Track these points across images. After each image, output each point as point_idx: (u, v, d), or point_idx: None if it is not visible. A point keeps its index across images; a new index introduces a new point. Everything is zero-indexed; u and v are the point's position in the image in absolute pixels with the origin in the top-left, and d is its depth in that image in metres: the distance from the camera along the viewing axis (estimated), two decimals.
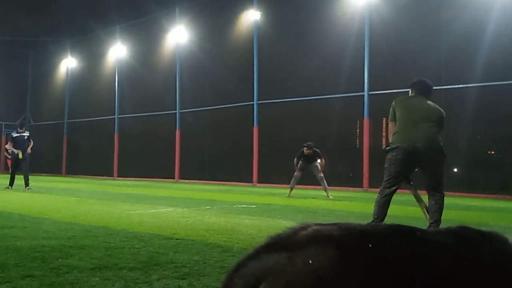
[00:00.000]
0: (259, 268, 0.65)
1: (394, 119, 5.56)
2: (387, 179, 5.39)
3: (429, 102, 5.59)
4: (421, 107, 5.50)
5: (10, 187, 12.24)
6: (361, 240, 0.66)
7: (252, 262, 0.67)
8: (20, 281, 2.83)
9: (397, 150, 5.27)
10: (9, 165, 17.01)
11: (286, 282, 0.61)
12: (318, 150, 11.50)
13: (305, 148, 11.43)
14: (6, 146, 13.98)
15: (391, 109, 5.67)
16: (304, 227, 0.70)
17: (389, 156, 5.36)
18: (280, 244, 0.68)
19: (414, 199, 5.83)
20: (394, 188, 5.40)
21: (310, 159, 11.38)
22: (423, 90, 5.71)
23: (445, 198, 5.49)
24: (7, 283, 2.78)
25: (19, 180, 12.31)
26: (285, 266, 0.63)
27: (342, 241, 0.64)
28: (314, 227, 0.69)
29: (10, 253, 3.64)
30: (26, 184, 12.13)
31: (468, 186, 14.04)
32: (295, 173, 11.59)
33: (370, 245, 0.65)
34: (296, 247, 0.65)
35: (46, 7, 22.63)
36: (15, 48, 28.99)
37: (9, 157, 14.30)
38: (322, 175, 11.32)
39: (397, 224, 0.73)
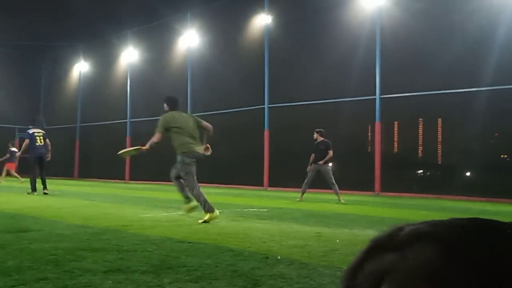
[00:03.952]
0: (377, 268, 0.73)
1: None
2: (195, 178, 6.74)
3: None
4: None
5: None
6: (454, 233, 0.75)
7: (368, 264, 0.75)
8: (34, 283, 2.86)
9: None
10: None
11: (405, 277, 0.70)
12: (329, 141, 11.45)
13: (315, 133, 11.43)
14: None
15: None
16: (400, 228, 0.78)
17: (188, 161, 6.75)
18: (386, 245, 0.75)
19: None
20: None
21: (321, 151, 11.30)
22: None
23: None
24: (22, 286, 2.81)
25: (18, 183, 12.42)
26: (401, 263, 0.71)
27: (439, 235, 0.74)
28: (410, 227, 0.77)
29: (25, 256, 3.68)
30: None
31: (481, 190, 13.91)
32: (308, 167, 11.50)
33: (463, 237, 0.74)
34: (403, 246, 0.73)
35: (59, 12, 22.90)
36: (29, 53, 29.34)
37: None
38: (332, 180, 11.21)
39: (477, 218, 0.80)
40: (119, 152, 7.60)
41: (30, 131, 12.40)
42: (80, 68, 28.93)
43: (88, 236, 4.76)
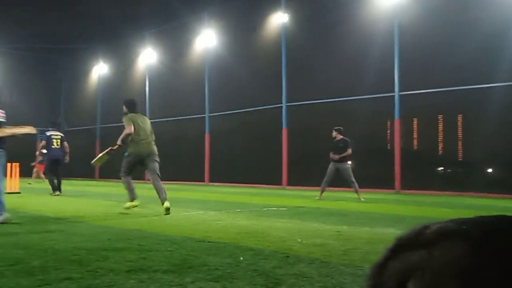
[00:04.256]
0: (403, 265, 0.73)
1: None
2: (128, 170, 7.78)
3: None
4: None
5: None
6: (481, 230, 0.74)
7: (393, 262, 0.75)
8: (59, 283, 2.91)
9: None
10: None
11: (432, 275, 0.69)
12: (348, 139, 11.40)
13: (333, 131, 11.42)
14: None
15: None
16: (426, 227, 0.78)
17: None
18: (412, 243, 0.75)
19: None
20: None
21: (340, 149, 11.25)
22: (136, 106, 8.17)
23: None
24: (47, 285, 2.86)
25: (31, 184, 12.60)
26: (427, 260, 0.71)
27: (466, 233, 0.73)
28: (437, 225, 0.77)
29: (49, 256, 3.74)
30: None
31: (504, 187, 13.69)
32: (331, 155, 11.43)
33: (491, 235, 0.73)
34: (429, 244, 0.73)
35: (78, 15, 23.19)
36: (48, 56, 29.76)
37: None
38: (352, 178, 11.15)
39: (503, 215, 0.79)
40: (92, 162, 8.29)
41: (48, 133, 12.67)
42: (99, 70, 29.26)
43: (110, 236, 4.82)
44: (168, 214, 7.27)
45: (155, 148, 7.93)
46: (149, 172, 7.88)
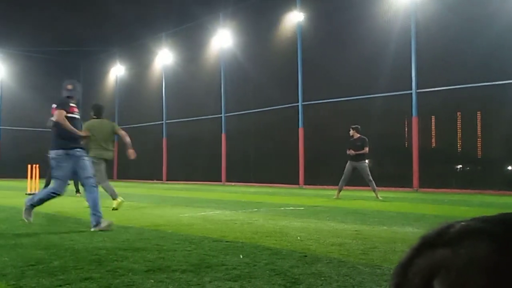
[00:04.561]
0: (429, 263, 0.74)
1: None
2: (104, 174, 8.44)
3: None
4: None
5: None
6: (505, 228, 0.75)
7: (419, 259, 0.76)
8: (79, 283, 2.95)
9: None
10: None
11: (457, 273, 0.71)
12: (365, 138, 11.33)
13: (351, 129, 11.36)
14: None
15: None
16: (450, 226, 0.79)
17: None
18: (437, 241, 0.76)
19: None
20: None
21: (357, 148, 11.19)
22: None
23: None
24: (67, 285, 2.90)
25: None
26: (452, 259, 0.72)
27: (490, 231, 0.74)
28: (460, 224, 0.78)
29: (69, 256, 3.79)
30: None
31: None
32: (348, 151, 11.38)
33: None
34: (454, 242, 0.74)
35: (95, 17, 23.44)
36: (66, 58, 30.12)
37: None
38: (369, 177, 11.08)
39: None
40: None
41: None
42: (117, 72, 29.53)
43: (128, 236, 4.86)
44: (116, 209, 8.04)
45: (112, 155, 8.81)
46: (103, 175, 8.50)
